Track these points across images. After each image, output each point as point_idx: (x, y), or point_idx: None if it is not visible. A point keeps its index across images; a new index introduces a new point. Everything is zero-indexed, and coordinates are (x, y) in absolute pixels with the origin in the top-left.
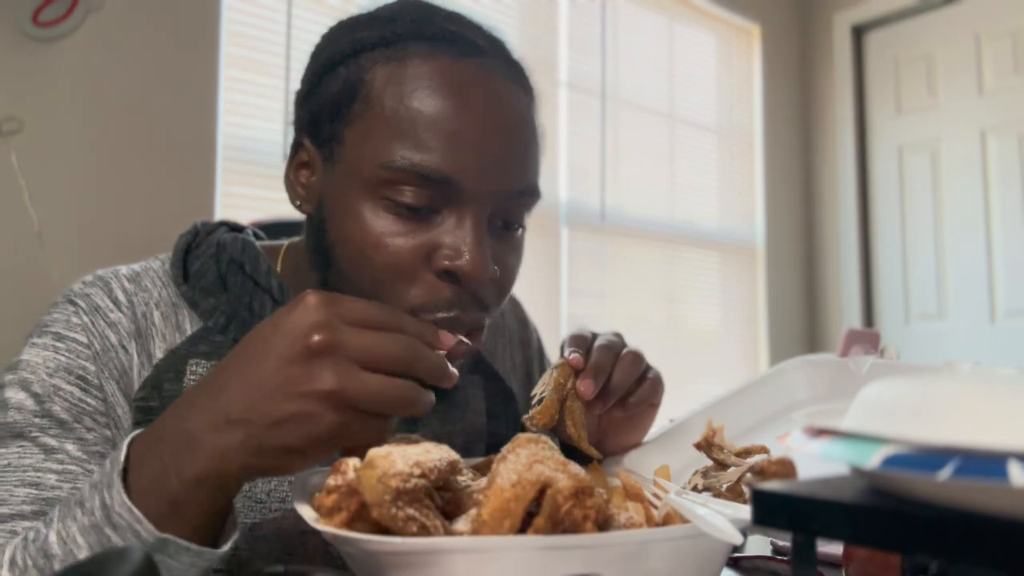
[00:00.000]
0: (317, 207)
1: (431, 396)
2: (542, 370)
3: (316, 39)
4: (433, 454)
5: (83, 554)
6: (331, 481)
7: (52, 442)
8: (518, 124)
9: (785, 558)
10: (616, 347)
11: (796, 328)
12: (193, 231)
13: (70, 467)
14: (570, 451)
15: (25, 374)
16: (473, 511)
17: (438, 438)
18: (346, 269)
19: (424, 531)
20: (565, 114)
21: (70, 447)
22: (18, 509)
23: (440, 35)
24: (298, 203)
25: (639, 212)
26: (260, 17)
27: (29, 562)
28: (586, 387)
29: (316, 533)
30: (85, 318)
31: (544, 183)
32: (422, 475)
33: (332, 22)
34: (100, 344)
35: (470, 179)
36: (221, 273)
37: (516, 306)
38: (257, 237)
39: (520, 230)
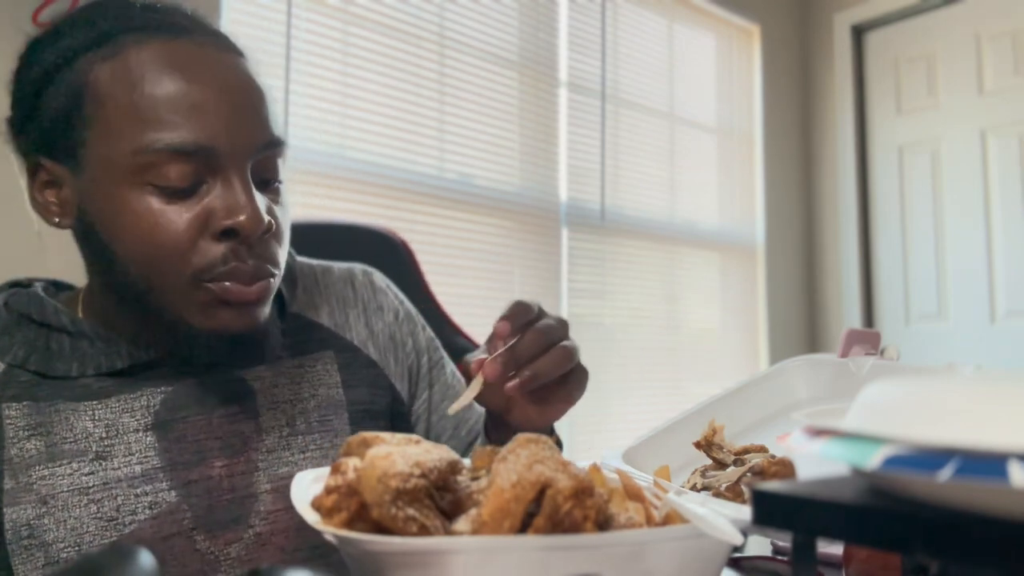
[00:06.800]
0: (78, 217)
1: None
2: (412, 331)
3: (316, 39)
4: (433, 454)
5: None
6: (331, 481)
7: None
8: (246, 84)
9: (785, 558)
10: (552, 335)
11: (796, 328)
12: None
13: None
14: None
15: None
16: (473, 511)
17: (290, 418)
18: (128, 260)
19: (424, 531)
20: (565, 114)
21: None
22: None
23: (146, 24)
24: (56, 220)
25: (639, 212)
26: (260, 17)
27: None
28: (491, 371)
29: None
30: None
31: (544, 183)
32: (422, 475)
33: (333, 22)
34: None
35: (222, 141)
36: (12, 323)
37: (366, 273)
38: (59, 286)
39: (278, 184)
